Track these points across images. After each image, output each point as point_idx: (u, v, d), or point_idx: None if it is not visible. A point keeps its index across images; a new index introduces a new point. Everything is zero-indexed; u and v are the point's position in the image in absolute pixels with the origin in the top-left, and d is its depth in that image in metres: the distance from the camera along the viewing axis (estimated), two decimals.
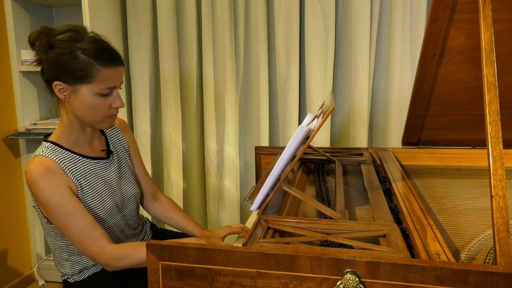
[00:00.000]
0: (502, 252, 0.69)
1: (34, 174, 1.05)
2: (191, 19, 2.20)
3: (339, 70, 2.17)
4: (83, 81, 1.06)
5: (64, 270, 1.23)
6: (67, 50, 1.05)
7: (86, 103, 1.08)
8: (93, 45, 1.07)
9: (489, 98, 0.81)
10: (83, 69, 1.05)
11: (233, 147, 2.26)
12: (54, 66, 1.06)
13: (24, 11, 2.19)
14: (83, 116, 1.11)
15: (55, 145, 1.14)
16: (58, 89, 1.08)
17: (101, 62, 1.06)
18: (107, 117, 1.14)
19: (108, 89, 1.09)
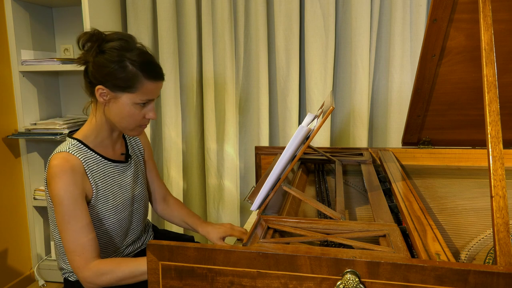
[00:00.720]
0: (502, 252, 0.69)
1: (57, 170, 1.07)
2: (191, 19, 2.20)
3: (339, 70, 2.17)
4: (126, 90, 1.10)
5: (66, 266, 1.22)
6: (116, 58, 1.08)
7: (124, 111, 1.12)
8: (141, 57, 1.10)
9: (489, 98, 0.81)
10: (129, 79, 1.08)
11: (233, 147, 2.26)
12: (101, 71, 1.09)
13: (24, 11, 2.19)
14: (118, 122, 1.15)
15: (81, 143, 1.16)
16: (100, 93, 1.11)
17: (146, 75, 1.10)
18: (139, 126, 1.17)
19: (147, 101, 1.13)
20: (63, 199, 1.06)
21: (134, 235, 1.31)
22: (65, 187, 1.06)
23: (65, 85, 2.46)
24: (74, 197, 1.07)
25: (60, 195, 1.06)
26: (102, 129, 1.18)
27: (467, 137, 1.56)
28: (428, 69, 1.38)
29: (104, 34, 1.12)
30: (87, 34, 1.10)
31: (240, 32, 2.18)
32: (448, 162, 1.55)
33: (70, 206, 1.07)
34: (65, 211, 1.06)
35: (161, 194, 1.45)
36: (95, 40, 1.10)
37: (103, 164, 1.19)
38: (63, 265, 1.24)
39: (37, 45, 2.28)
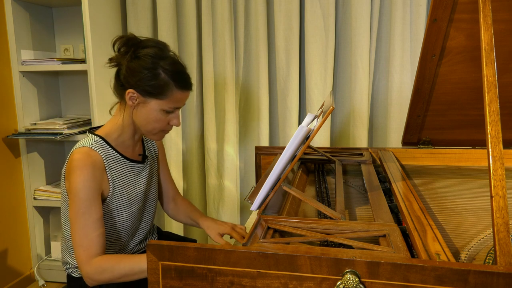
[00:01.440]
0: (502, 252, 0.69)
1: (78, 163, 1.08)
2: (191, 19, 2.20)
3: (339, 70, 2.17)
4: (156, 96, 1.13)
5: (71, 260, 1.23)
6: (150, 65, 1.11)
7: (151, 116, 1.15)
8: (174, 66, 1.14)
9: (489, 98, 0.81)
10: (160, 86, 1.12)
11: (233, 147, 2.26)
12: (134, 76, 1.12)
13: (24, 11, 2.19)
14: (143, 125, 1.18)
15: (103, 141, 1.18)
16: (130, 96, 1.14)
17: (177, 84, 1.14)
18: (162, 131, 1.21)
19: (174, 109, 1.17)
20: (80, 192, 1.07)
21: (141, 235, 1.32)
22: (84, 181, 1.08)
23: (65, 85, 2.46)
24: (91, 192, 1.09)
25: (78, 188, 1.07)
26: (125, 130, 1.21)
27: (467, 137, 1.56)
28: (428, 69, 1.38)
29: (139, 40, 1.15)
30: (124, 38, 1.14)
31: (240, 32, 2.18)
32: (448, 162, 1.55)
33: (86, 200, 1.08)
34: (80, 204, 1.08)
35: (172, 194, 1.48)
36: (131, 45, 1.13)
37: (122, 162, 1.21)
38: (68, 259, 1.24)
39: (37, 45, 2.28)
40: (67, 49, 2.41)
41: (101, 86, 2.11)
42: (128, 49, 1.14)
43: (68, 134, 2.12)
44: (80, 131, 2.20)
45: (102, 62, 2.13)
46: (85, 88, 2.24)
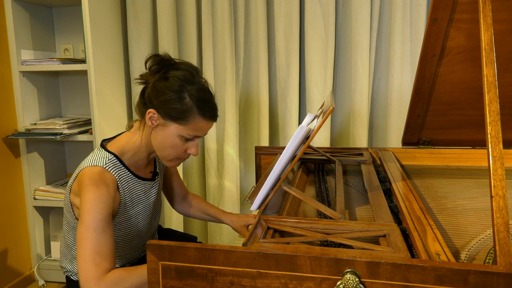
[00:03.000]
0: (502, 252, 0.69)
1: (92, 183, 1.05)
2: (191, 19, 2.20)
3: (339, 70, 2.17)
4: (176, 121, 1.08)
5: (72, 268, 1.23)
6: (176, 88, 1.07)
7: (168, 140, 1.10)
8: (200, 93, 1.09)
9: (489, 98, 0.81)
10: (183, 111, 1.07)
11: (233, 147, 2.26)
12: (158, 96, 1.08)
13: (24, 11, 2.19)
14: (158, 149, 1.13)
15: (117, 159, 1.14)
16: (150, 116, 1.09)
17: (201, 112, 1.08)
18: (177, 159, 1.16)
19: (193, 137, 1.11)
20: (94, 210, 1.03)
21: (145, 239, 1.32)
22: (98, 200, 1.04)
23: (65, 85, 2.46)
24: (105, 210, 1.05)
25: (91, 206, 1.04)
26: (141, 150, 1.17)
27: (467, 137, 1.56)
28: (428, 69, 1.38)
29: (173, 61, 1.11)
30: (158, 57, 1.10)
31: (240, 32, 2.18)
32: (448, 162, 1.55)
33: (99, 218, 1.04)
34: (92, 221, 1.03)
35: (182, 194, 1.51)
36: (163, 65, 1.10)
37: (134, 182, 1.19)
38: (68, 265, 1.24)
39: (37, 45, 2.28)
40: (67, 49, 2.41)
41: (101, 86, 2.11)
42: (160, 69, 1.10)
43: (68, 134, 2.12)
44: (80, 131, 2.20)
45: (102, 62, 2.13)
46: (85, 88, 2.24)
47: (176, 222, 2.33)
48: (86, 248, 1.02)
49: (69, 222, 1.20)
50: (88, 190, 1.05)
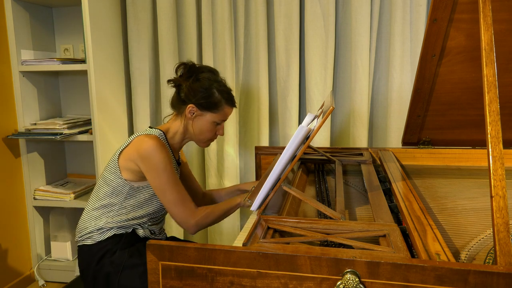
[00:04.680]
0: (502, 252, 0.69)
1: (156, 145, 1.29)
2: (191, 19, 2.20)
3: (339, 70, 2.17)
4: (211, 110, 1.39)
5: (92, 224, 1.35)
6: (207, 85, 1.37)
7: (205, 126, 1.41)
8: (225, 88, 1.41)
9: (489, 98, 0.81)
10: (214, 103, 1.38)
11: (233, 147, 2.26)
12: (195, 94, 1.37)
13: (24, 11, 2.19)
14: (197, 134, 1.43)
15: (164, 135, 1.41)
16: (190, 110, 1.38)
17: (227, 102, 1.41)
18: (210, 140, 1.47)
19: (222, 121, 1.43)
20: (167, 166, 1.30)
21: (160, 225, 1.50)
22: (166, 159, 1.30)
23: (65, 85, 2.46)
24: (171, 167, 1.32)
25: (163, 163, 1.29)
26: (178, 135, 1.44)
27: (467, 137, 1.56)
28: (428, 69, 1.38)
29: (197, 66, 1.42)
30: (187, 65, 1.40)
31: (240, 32, 2.18)
32: (448, 162, 1.55)
33: (172, 173, 1.31)
34: (169, 176, 1.30)
35: (200, 192, 1.67)
36: (193, 71, 1.39)
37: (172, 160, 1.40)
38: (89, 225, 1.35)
39: (37, 45, 2.28)
40: (67, 49, 2.41)
41: (101, 86, 2.11)
42: (191, 74, 1.38)
43: (68, 134, 2.12)
44: (80, 131, 2.20)
45: (102, 62, 2.13)
46: (85, 88, 2.24)
47: (176, 226, 2.33)
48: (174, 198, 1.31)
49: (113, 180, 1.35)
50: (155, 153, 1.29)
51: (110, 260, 1.30)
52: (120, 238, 1.34)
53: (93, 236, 1.34)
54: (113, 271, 1.29)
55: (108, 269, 1.30)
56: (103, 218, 1.35)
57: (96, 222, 1.35)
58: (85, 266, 1.35)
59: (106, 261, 1.30)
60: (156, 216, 1.43)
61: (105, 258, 1.31)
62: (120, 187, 1.34)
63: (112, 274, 1.29)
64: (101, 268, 1.31)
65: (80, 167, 2.53)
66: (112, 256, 1.31)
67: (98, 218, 1.35)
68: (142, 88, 2.31)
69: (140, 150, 1.31)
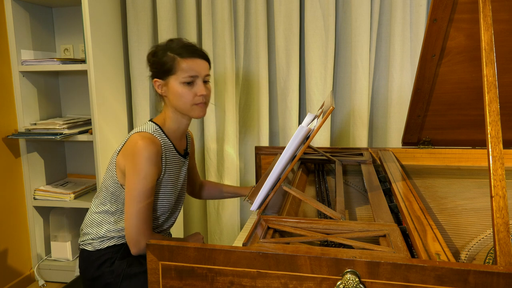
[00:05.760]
0: (502, 252, 0.69)
1: (144, 145, 1.21)
2: (191, 19, 2.20)
3: (339, 70, 2.17)
4: (170, 73, 1.27)
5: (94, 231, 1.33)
6: (160, 51, 1.29)
7: (175, 93, 1.28)
8: (178, 44, 1.29)
9: (489, 98, 0.81)
10: (168, 63, 1.27)
11: (233, 147, 2.26)
12: (153, 67, 1.31)
13: (24, 11, 2.19)
14: (177, 105, 1.29)
15: (160, 129, 1.32)
16: (157, 85, 1.31)
17: (181, 55, 1.27)
18: (195, 105, 1.30)
19: (190, 78, 1.27)
20: (148, 176, 1.22)
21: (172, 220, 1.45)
22: (149, 161, 1.22)
23: (65, 85, 2.46)
24: (152, 174, 1.23)
25: (142, 166, 1.21)
26: (172, 120, 1.34)
27: (467, 137, 1.56)
28: (428, 69, 1.38)
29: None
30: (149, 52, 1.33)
31: (240, 32, 2.18)
32: (448, 162, 1.55)
33: (150, 184, 1.23)
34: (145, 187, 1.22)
35: (199, 180, 1.66)
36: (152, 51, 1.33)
37: (172, 152, 1.34)
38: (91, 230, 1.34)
39: (37, 45, 2.28)
40: (67, 49, 2.41)
41: (101, 86, 2.11)
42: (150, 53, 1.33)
43: (68, 134, 2.12)
44: (80, 131, 2.20)
45: (102, 62, 2.13)
46: (85, 88, 2.24)
47: (176, 224, 2.33)
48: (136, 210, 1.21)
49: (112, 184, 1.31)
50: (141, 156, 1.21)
51: (110, 269, 1.28)
52: (120, 247, 1.31)
53: (93, 243, 1.32)
54: (113, 282, 1.27)
55: (108, 279, 1.28)
56: (105, 225, 1.32)
57: (98, 229, 1.32)
58: (84, 269, 1.34)
59: (106, 270, 1.28)
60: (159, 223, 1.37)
61: (104, 267, 1.29)
62: (117, 193, 1.31)
63: (112, 284, 1.27)
64: (100, 276, 1.29)
65: (80, 167, 2.53)
66: (111, 266, 1.28)
67: (99, 224, 1.33)
68: (142, 88, 2.31)
69: (128, 149, 1.25)
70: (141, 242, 1.22)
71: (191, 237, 1.45)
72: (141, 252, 1.23)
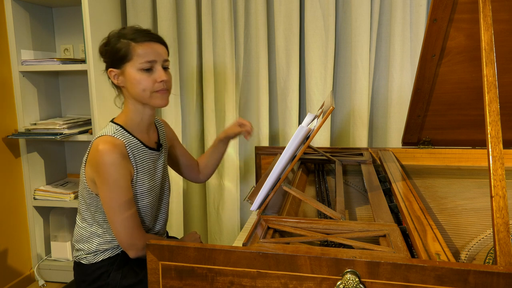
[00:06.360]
0: (502, 252, 0.69)
1: (105, 151, 1.14)
2: (191, 19, 2.20)
3: (339, 70, 2.17)
4: (125, 60, 1.20)
5: (85, 247, 1.28)
6: (113, 39, 1.22)
7: (133, 80, 1.20)
8: (133, 30, 1.22)
9: (489, 98, 0.81)
10: (123, 50, 1.19)
11: (233, 147, 2.26)
12: (106, 57, 1.23)
13: (24, 11, 2.19)
14: (136, 94, 1.21)
15: (122, 128, 1.23)
16: (113, 76, 1.23)
17: (135, 40, 1.19)
18: (155, 92, 1.22)
19: (148, 63, 1.19)
20: (119, 182, 1.15)
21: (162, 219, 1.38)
22: (114, 165, 1.14)
23: (65, 85, 2.46)
24: (123, 176, 1.17)
25: (109, 172, 1.14)
26: (134, 113, 1.26)
27: (467, 137, 1.56)
28: (428, 69, 1.38)
29: None
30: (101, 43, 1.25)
31: (240, 32, 2.18)
32: (448, 162, 1.55)
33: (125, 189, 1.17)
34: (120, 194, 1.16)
35: (194, 163, 1.58)
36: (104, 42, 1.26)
37: (142, 149, 1.26)
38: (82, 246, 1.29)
39: (37, 45, 2.28)
40: (67, 49, 2.41)
41: (101, 86, 2.11)
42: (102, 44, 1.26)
43: (68, 134, 2.12)
44: (80, 131, 2.20)
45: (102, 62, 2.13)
46: (85, 88, 2.24)
47: (176, 223, 2.33)
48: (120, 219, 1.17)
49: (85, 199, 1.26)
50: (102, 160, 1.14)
51: (105, 282, 1.25)
52: (115, 259, 1.27)
53: (88, 257, 1.27)
54: None
55: None
56: (94, 238, 1.27)
57: (89, 245, 1.27)
58: (79, 282, 1.30)
59: (101, 284, 1.25)
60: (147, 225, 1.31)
61: (101, 281, 1.25)
62: (95, 203, 1.24)
63: None
64: None
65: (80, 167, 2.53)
66: (107, 278, 1.25)
67: (89, 239, 1.27)
68: None
69: (92, 158, 1.18)
70: (137, 244, 1.19)
71: (187, 236, 1.43)
72: (139, 253, 1.20)
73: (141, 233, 1.21)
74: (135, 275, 1.25)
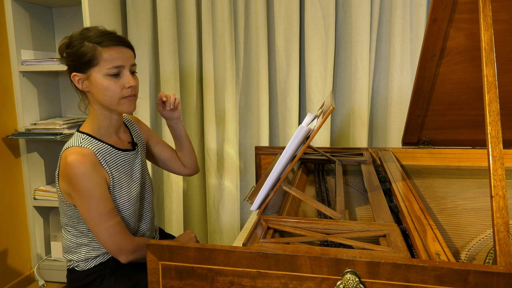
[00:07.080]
0: (502, 252, 0.69)
1: (74, 162, 1.11)
2: (191, 19, 2.20)
3: (339, 70, 2.17)
4: (91, 65, 1.14)
5: (75, 257, 1.25)
6: (76, 41, 1.16)
7: (100, 86, 1.15)
8: (97, 33, 1.16)
9: (489, 98, 0.81)
10: (88, 54, 1.14)
11: (233, 147, 2.26)
12: (69, 60, 1.17)
13: (24, 11, 2.19)
14: (103, 100, 1.17)
15: (89, 136, 1.19)
16: (77, 80, 1.17)
17: (102, 44, 1.14)
18: (123, 99, 1.18)
19: (115, 69, 1.15)
20: (86, 186, 1.11)
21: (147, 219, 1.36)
22: (85, 175, 1.11)
23: (65, 85, 2.46)
24: (98, 184, 1.13)
25: (83, 183, 1.11)
26: (100, 118, 1.21)
27: (467, 137, 1.56)
28: (428, 69, 1.38)
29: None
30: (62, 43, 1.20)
31: (240, 32, 2.18)
32: (448, 162, 1.55)
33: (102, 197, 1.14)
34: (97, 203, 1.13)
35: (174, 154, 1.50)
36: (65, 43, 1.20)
37: (114, 153, 1.23)
38: (72, 255, 1.27)
39: (37, 45, 2.28)
40: None
41: None
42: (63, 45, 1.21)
43: (68, 134, 2.12)
44: None
45: None
46: None
47: (176, 223, 2.33)
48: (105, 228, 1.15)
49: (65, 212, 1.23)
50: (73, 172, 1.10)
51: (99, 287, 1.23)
52: (107, 263, 1.24)
53: (80, 265, 1.25)
54: None
55: None
56: (82, 248, 1.24)
57: (78, 255, 1.24)
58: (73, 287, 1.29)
59: None
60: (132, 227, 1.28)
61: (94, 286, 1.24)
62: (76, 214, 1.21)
63: None
64: None
65: None
66: (101, 283, 1.23)
67: (76, 250, 1.25)
68: (142, 88, 2.31)
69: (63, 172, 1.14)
70: (125, 249, 1.17)
71: (182, 236, 1.42)
72: (130, 257, 1.19)
73: (128, 238, 1.19)
74: (128, 279, 1.23)
